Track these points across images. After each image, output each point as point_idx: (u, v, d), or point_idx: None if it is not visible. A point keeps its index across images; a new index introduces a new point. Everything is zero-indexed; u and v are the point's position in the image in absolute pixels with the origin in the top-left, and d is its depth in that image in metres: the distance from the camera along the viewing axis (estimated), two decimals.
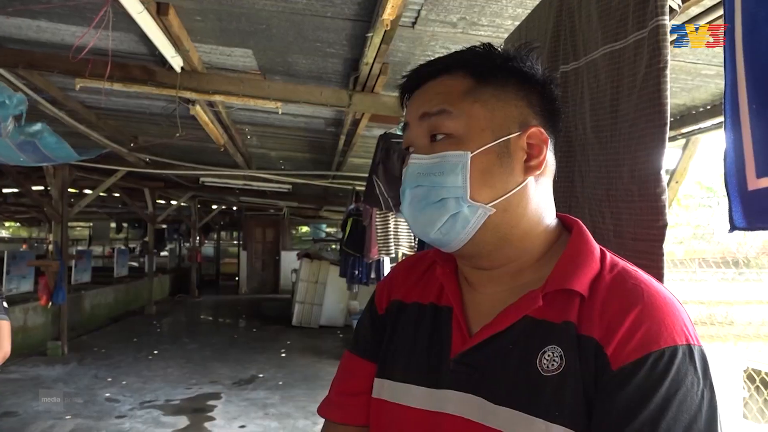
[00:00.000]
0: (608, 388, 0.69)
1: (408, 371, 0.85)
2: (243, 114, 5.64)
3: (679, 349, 0.68)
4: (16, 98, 3.50)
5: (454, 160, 0.78)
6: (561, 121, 0.88)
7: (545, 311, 0.76)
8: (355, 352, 0.96)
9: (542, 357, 0.74)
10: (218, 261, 21.38)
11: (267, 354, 8.78)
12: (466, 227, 0.79)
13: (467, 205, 0.78)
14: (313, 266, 11.58)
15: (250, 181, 9.73)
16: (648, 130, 1.17)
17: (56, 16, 3.44)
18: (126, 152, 7.36)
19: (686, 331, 0.70)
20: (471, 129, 0.79)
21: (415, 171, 0.81)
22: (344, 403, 0.94)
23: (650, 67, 1.17)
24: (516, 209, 0.80)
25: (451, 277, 0.88)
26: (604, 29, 1.38)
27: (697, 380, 0.68)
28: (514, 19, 2.90)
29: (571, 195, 1.60)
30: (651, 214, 1.16)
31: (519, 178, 0.80)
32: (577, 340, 0.73)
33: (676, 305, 0.73)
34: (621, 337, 0.70)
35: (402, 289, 0.94)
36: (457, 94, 0.81)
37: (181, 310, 13.91)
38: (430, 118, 0.81)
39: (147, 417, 5.70)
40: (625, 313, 0.71)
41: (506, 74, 0.82)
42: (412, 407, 0.82)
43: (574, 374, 0.71)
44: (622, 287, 0.74)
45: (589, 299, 0.75)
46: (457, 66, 0.83)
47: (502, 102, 0.81)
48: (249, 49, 3.77)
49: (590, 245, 0.82)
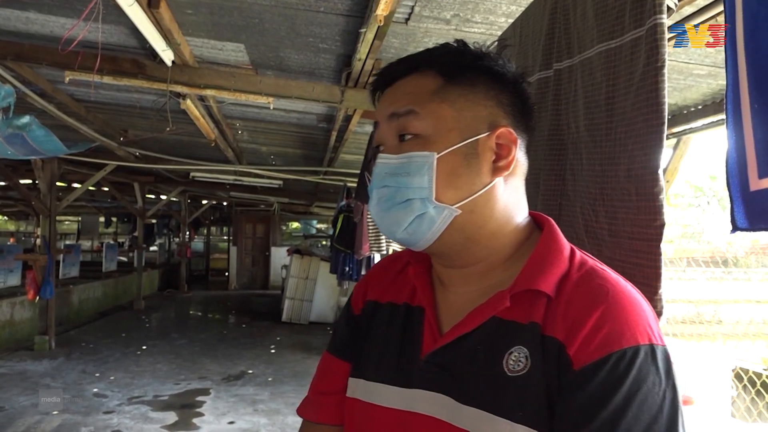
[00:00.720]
0: (570, 388, 0.69)
1: (380, 371, 0.86)
2: (234, 109, 5.60)
3: (641, 349, 0.68)
4: (4, 90, 3.46)
5: (420, 161, 0.78)
6: (533, 119, 0.87)
7: (513, 312, 0.76)
8: (332, 352, 0.96)
9: (508, 357, 0.74)
10: (208, 256, 21.28)
11: (256, 350, 8.76)
12: (432, 228, 0.79)
13: (433, 206, 0.78)
14: (304, 262, 11.55)
15: (240, 177, 9.68)
16: (645, 129, 1.16)
17: (45, 7, 3.39)
18: (115, 146, 7.30)
19: (649, 331, 0.70)
20: (438, 130, 0.79)
21: (382, 171, 0.81)
22: (320, 402, 0.95)
23: (648, 65, 1.16)
24: (483, 210, 0.80)
25: (424, 277, 0.89)
26: (600, 27, 1.37)
27: (659, 380, 0.68)
28: (508, 17, 2.90)
29: (562, 193, 1.60)
30: (648, 213, 1.15)
31: (486, 179, 0.80)
32: (542, 341, 0.73)
33: (641, 305, 0.73)
34: (583, 337, 0.70)
35: (377, 289, 0.95)
36: (425, 94, 0.81)
37: (171, 306, 13.83)
38: (398, 118, 0.81)
39: (135, 412, 5.66)
40: (589, 313, 0.71)
41: (476, 73, 0.82)
42: (384, 406, 0.83)
43: (539, 375, 0.71)
44: (588, 287, 0.74)
45: (555, 299, 0.75)
46: (427, 64, 0.82)
47: (471, 102, 0.81)
48: (241, 43, 3.74)
49: (559, 244, 0.81)
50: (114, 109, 6.05)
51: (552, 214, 1.61)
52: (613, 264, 1.31)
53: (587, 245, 1.38)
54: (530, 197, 1.79)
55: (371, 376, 0.86)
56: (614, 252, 1.29)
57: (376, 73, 0.87)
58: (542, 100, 1.67)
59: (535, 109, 0.88)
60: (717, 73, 3.49)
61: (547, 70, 1.67)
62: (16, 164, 9.08)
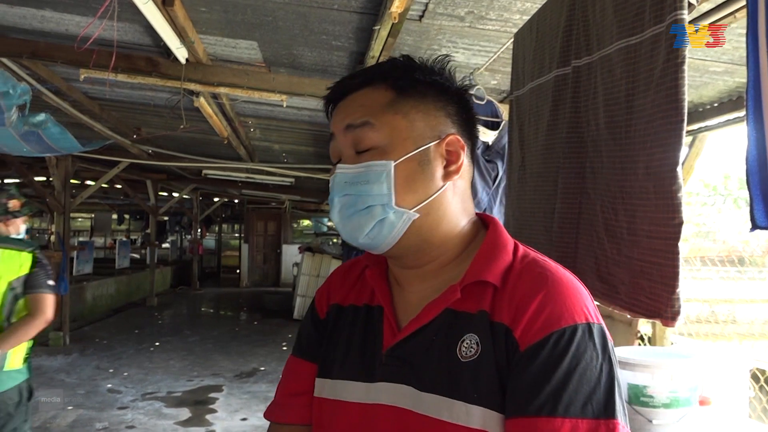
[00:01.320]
0: (517, 368, 0.75)
1: (345, 368, 0.90)
2: (247, 106, 5.61)
3: (579, 327, 0.74)
4: (20, 88, 3.49)
5: (379, 169, 0.83)
6: (476, 128, 0.94)
7: (464, 303, 0.82)
8: (298, 354, 1.00)
9: (461, 345, 0.79)
10: (219, 253, 21.37)
11: (268, 347, 8.78)
12: (392, 231, 0.83)
13: (393, 210, 0.82)
14: (315, 260, 11.57)
15: (252, 174, 9.71)
16: (665, 127, 1.15)
17: (61, 5, 3.41)
18: (129, 144, 7.35)
19: (586, 311, 0.76)
20: (393, 139, 0.84)
21: (342, 180, 0.85)
22: (287, 403, 0.97)
23: (668, 62, 1.15)
24: (437, 212, 0.85)
25: (381, 279, 0.94)
26: (619, 23, 1.36)
27: (596, 354, 0.74)
28: (523, 14, 2.88)
29: (581, 192, 1.59)
30: (666, 211, 1.14)
31: (439, 183, 0.85)
32: (491, 327, 0.78)
33: (577, 288, 0.79)
34: (527, 320, 0.76)
35: (339, 293, 0.99)
36: (378, 106, 0.85)
37: (183, 302, 13.92)
38: (354, 129, 0.85)
39: (149, 408, 5.70)
40: (531, 298, 0.77)
41: (425, 87, 0.87)
42: (350, 401, 0.87)
43: (489, 359, 0.77)
44: (530, 275, 0.80)
45: (501, 288, 0.81)
46: (379, 79, 0.88)
47: (422, 113, 0.86)
48: (254, 41, 3.75)
49: (503, 240, 0.87)
50: (128, 107, 6.08)
51: (572, 212, 1.60)
52: (632, 263, 1.30)
53: (606, 244, 1.37)
54: (548, 196, 1.79)
55: (337, 375, 0.90)
56: (633, 251, 1.28)
57: (329, 86, 0.92)
58: (560, 98, 1.66)
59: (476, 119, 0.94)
60: (734, 70, 3.44)
61: (565, 67, 1.66)
62: (31, 161, 9.16)
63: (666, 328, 3.36)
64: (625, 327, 3.46)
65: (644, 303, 1.23)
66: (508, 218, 2.20)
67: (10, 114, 3.66)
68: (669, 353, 3.05)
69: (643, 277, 1.23)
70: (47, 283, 2.93)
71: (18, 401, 2.85)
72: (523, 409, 0.73)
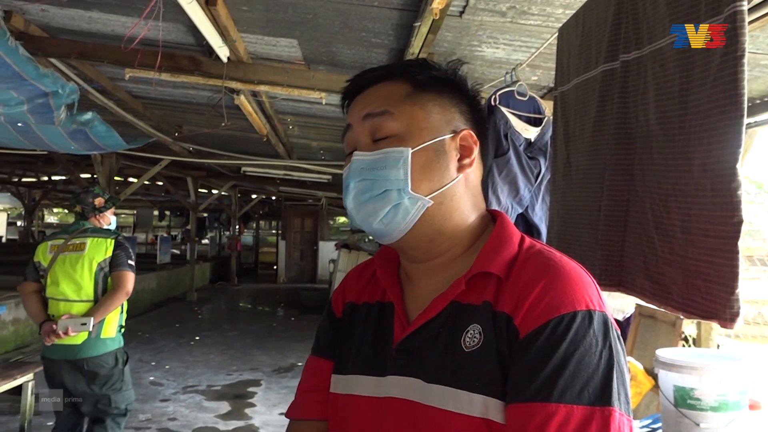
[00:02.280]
0: (517, 355, 0.76)
1: (358, 364, 0.92)
2: (286, 104, 5.66)
3: (579, 314, 0.74)
4: (69, 87, 3.58)
5: (396, 155, 0.85)
6: (487, 129, 0.97)
7: (469, 295, 0.84)
8: (316, 353, 1.02)
9: (465, 335, 0.81)
10: (257, 250, 21.63)
11: (306, 343, 8.86)
12: (407, 218, 0.85)
13: (408, 196, 0.85)
14: (351, 257, 11.61)
15: (290, 171, 9.80)
16: (723, 122, 1.11)
17: (108, 6, 3.49)
18: (170, 141, 7.49)
19: (587, 299, 0.76)
20: (411, 128, 0.87)
21: (358, 167, 0.88)
22: (306, 400, 1.00)
23: (726, 55, 1.11)
24: (450, 202, 0.87)
25: (392, 276, 0.96)
26: (672, 15, 1.32)
27: (596, 342, 0.74)
28: (566, 8, 2.83)
29: (629, 189, 1.55)
30: (725, 210, 1.10)
31: (453, 174, 0.88)
32: (493, 316, 0.80)
33: (581, 276, 0.79)
34: (527, 308, 0.76)
35: (353, 292, 1.02)
36: (398, 97, 0.89)
37: (221, 298, 14.15)
38: (373, 118, 0.88)
39: (190, 401, 5.81)
40: (533, 286, 0.78)
41: (441, 83, 0.91)
42: (362, 395, 0.89)
43: (491, 348, 0.78)
44: (533, 264, 0.81)
45: (505, 279, 0.82)
46: (398, 74, 0.92)
47: (438, 106, 0.90)
48: (294, 39, 3.77)
49: (509, 232, 0.89)
50: (170, 105, 6.20)
51: (619, 210, 1.57)
52: (686, 262, 1.27)
53: (657, 243, 1.34)
54: (594, 194, 1.76)
55: (350, 370, 0.93)
56: (687, 250, 1.24)
57: (348, 80, 0.95)
58: (607, 93, 1.62)
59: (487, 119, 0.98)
60: None
61: (612, 61, 1.62)
62: (77, 159, 9.43)
63: (712, 329, 3.27)
64: (668, 327, 3.38)
65: (700, 304, 1.19)
66: (552, 216, 2.16)
67: (59, 113, 3.76)
68: (717, 355, 2.97)
69: (698, 276, 1.19)
70: (127, 263, 3.48)
71: (113, 365, 3.40)
72: (520, 395, 0.73)
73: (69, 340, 3.25)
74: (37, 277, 3.46)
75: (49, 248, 3.47)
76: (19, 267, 11.10)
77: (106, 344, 3.39)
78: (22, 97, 3.54)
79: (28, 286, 3.47)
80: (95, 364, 3.32)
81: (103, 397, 3.39)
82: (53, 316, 3.33)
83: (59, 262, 3.40)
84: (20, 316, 7.38)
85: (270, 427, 5.24)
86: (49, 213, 28.26)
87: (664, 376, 2.02)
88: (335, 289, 1.06)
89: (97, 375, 3.34)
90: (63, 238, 3.50)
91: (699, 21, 1.22)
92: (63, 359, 3.29)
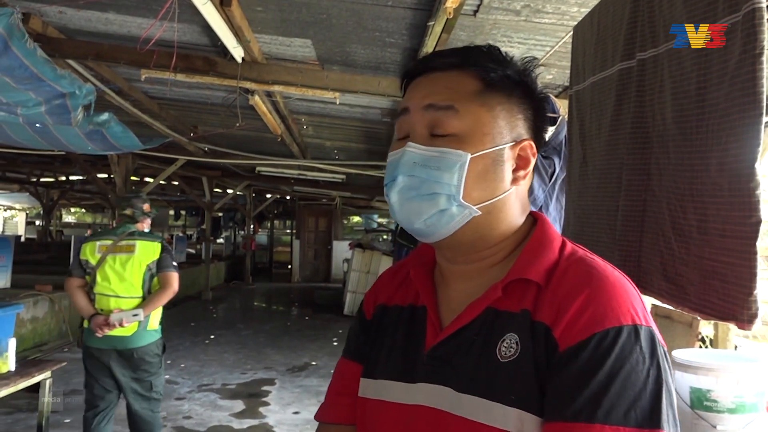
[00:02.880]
0: (556, 370, 0.72)
1: (388, 369, 0.89)
2: (300, 104, 5.68)
3: (624, 329, 0.70)
4: (86, 89, 3.62)
5: (454, 158, 0.80)
6: (544, 137, 0.91)
7: (506, 302, 0.80)
8: (346, 355, 1.00)
9: (501, 345, 0.77)
10: (271, 249, 21.73)
11: (319, 342, 8.89)
12: (450, 224, 0.81)
13: (457, 204, 0.80)
14: (365, 256, 11.64)
15: (304, 171, 9.83)
16: (741, 121, 1.10)
17: (124, 8, 3.53)
18: (186, 141, 7.54)
19: (633, 312, 0.72)
20: (474, 131, 0.81)
21: (411, 160, 0.82)
22: (336, 403, 0.97)
23: (744, 53, 1.10)
24: (498, 214, 0.83)
25: (426, 279, 0.92)
26: (689, 13, 1.30)
27: (643, 359, 0.69)
28: (581, 6, 2.81)
29: (646, 189, 1.54)
30: (742, 210, 1.09)
31: (507, 186, 0.83)
32: (531, 326, 0.75)
33: (625, 287, 0.75)
34: (569, 319, 0.72)
35: (385, 294, 0.98)
36: (466, 93, 0.82)
37: (236, 297, 14.22)
38: (437, 110, 0.82)
39: (205, 400, 5.85)
40: (574, 296, 0.73)
41: (513, 85, 0.85)
42: (391, 402, 0.86)
43: (528, 359, 0.74)
44: (574, 273, 0.77)
45: (545, 287, 0.77)
46: (470, 64, 0.84)
47: (506, 111, 0.84)
48: (308, 39, 3.79)
49: (549, 236, 0.84)
50: (185, 106, 6.24)
51: (636, 210, 1.56)
52: (703, 262, 1.25)
53: (674, 243, 1.33)
54: (611, 193, 1.74)
55: (380, 375, 0.89)
56: (703, 250, 1.23)
57: (416, 60, 0.89)
58: (624, 92, 1.61)
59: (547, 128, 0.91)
60: None
61: (629, 60, 1.61)
62: (94, 159, 9.52)
63: (729, 329, 3.23)
64: (684, 328, 3.34)
65: (717, 305, 1.18)
66: (568, 215, 2.15)
67: (76, 114, 3.80)
68: (734, 356, 2.93)
69: (715, 277, 1.18)
70: (172, 264, 3.84)
71: (158, 353, 3.79)
72: (561, 414, 0.69)
73: (120, 331, 3.55)
74: (83, 274, 3.73)
75: (98, 248, 3.75)
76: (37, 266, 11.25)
77: (152, 335, 3.75)
78: (40, 98, 3.58)
79: (75, 282, 3.73)
80: (143, 352, 3.66)
81: (145, 382, 3.72)
82: (102, 310, 3.61)
83: (109, 262, 3.70)
84: (38, 315, 7.47)
85: (284, 426, 5.26)
86: (67, 212, 28.57)
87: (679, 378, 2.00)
88: (368, 290, 1.03)
89: (144, 362, 3.68)
90: (111, 239, 3.78)
91: (716, 19, 1.21)
92: (113, 348, 3.60)
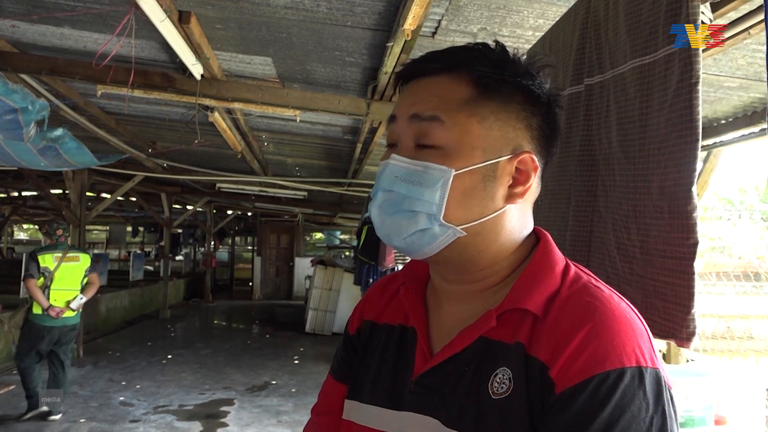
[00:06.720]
0: (551, 413, 0.66)
1: (375, 393, 0.85)
2: (261, 121, 5.66)
3: (627, 372, 0.64)
4: (39, 104, 3.54)
5: (436, 174, 0.73)
6: (556, 146, 0.82)
7: (500, 331, 0.74)
8: (332, 374, 0.97)
9: (494, 380, 0.71)
10: (232, 266, 21.45)
11: (280, 360, 8.78)
12: (432, 244, 0.75)
13: (438, 224, 0.73)
14: (327, 273, 11.57)
15: (265, 188, 9.76)
16: (679, 146, 1.15)
17: (79, 23, 3.48)
18: (144, 157, 7.42)
19: (638, 352, 0.65)
20: (461, 145, 0.74)
21: (392, 173, 0.76)
22: (319, 422, 0.96)
23: (682, 82, 1.15)
24: (489, 234, 0.76)
25: (417, 299, 0.86)
26: (632, 42, 1.36)
27: (646, 405, 0.63)
28: (536, 30, 2.89)
29: (593, 210, 1.58)
30: (681, 231, 1.14)
31: (499, 204, 0.76)
32: (526, 362, 0.70)
33: (632, 323, 0.68)
34: (566, 358, 0.66)
35: (375, 309, 0.93)
36: (454, 102, 0.75)
37: (195, 315, 13.96)
38: (420, 121, 0.75)
39: (161, 422, 5.71)
40: (574, 332, 0.67)
41: (512, 90, 0.76)
42: (376, 429, 0.82)
43: (521, 398, 0.69)
44: (576, 304, 0.70)
45: (542, 318, 0.71)
46: (463, 67, 0.76)
47: (501, 121, 0.75)
48: (269, 57, 3.79)
49: (551, 260, 0.77)
50: (143, 122, 6.15)
51: (583, 231, 1.60)
52: (645, 282, 1.30)
53: (618, 263, 1.37)
54: (562, 214, 1.79)
55: (366, 399, 0.85)
56: (646, 270, 1.27)
57: (405, 63, 0.80)
58: (573, 116, 1.66)
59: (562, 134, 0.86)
60: (748, 85, 3.43)
61: (578, 85, 1.66)
62: (47, 174, 9.26)
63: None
64: None
65: (658, 323, 1.22)
66: None
67: (28, 129, 3.71)
68: (684, 371, 3.01)
69: (656, 296, 1.22)
70: (96, 268, 5.98)
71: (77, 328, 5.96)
72: None
73: (68, 314, 5.52)
74: (39, 276, 5.41)
75: (54, 258, 5.51)
76: None
77: (79, 316, 5.78)
78: None
79: (34, 281, 5.39)
80: (74, 327, 5.73)
81: (68, 347, 5.76)
82: (55, 300, 5.45)
83: (62, 269, 5.55)
84: None
85: None
86: (19, 229, 27.68)
87: None
88: (358, 303, 0.98)
89: (73, 333, 5.77)
90: (60, 252, 5.58)
91: (657, 48, 1.26)
92: (60, 326, 5.48)
